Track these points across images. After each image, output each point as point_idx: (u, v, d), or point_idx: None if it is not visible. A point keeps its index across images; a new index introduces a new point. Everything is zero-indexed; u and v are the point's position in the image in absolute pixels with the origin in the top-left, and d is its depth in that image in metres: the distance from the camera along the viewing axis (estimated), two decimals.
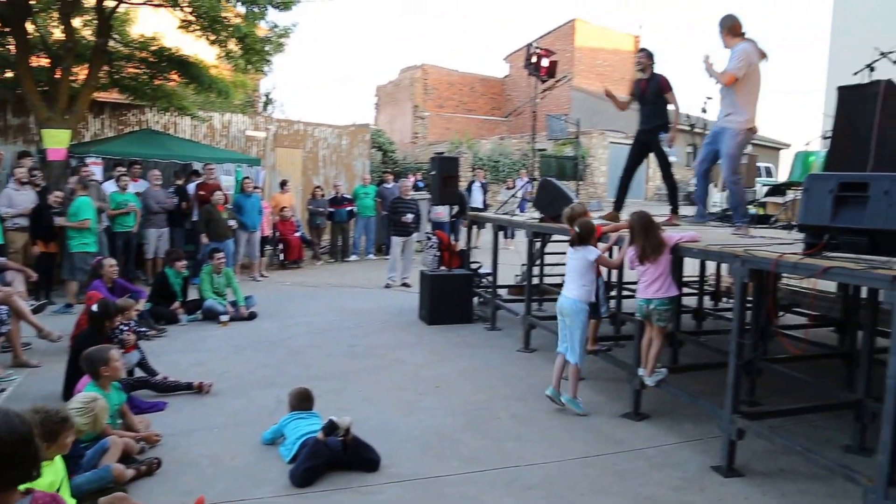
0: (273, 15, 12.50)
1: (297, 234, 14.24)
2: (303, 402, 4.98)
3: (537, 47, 8.52)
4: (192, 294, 9.38)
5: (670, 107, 7.09)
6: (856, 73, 6.28)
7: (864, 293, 5.65)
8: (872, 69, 6.25)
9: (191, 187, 12.04)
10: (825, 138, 8.34)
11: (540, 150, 25.97)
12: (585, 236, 5.64)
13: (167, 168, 12.69)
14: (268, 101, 28.89)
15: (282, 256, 13.99)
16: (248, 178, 12.59)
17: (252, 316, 9.04)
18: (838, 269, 3.71)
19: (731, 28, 6.15)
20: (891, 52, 6.26)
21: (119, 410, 4.80)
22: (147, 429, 4.93)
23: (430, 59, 42.43)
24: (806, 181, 4.13)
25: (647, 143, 7.25)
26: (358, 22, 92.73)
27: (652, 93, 7.07)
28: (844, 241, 3.95)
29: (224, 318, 8.72)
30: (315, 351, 7.52)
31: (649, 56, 7.13)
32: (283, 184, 14.57)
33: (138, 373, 6.07)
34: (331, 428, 4.40)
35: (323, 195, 15.25)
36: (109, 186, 10.79)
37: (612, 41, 34.84)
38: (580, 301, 5.63)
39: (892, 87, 5.26)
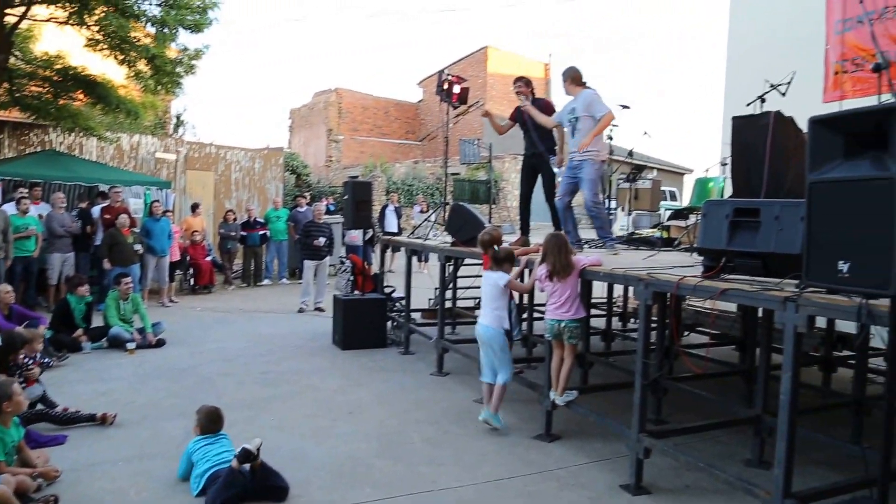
0: (184, 37, 12.28)
1: (209, 259, 13.92)
2: (212, 423, 4.79)
3: (449, 74, 8.63)
4: (98, 321, 9.01)
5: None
6: (748, 104, 6.61)
7: (760, 312, 5.92)
8: (764, 100, 6.59)
9: (95, 210, 11.63)
10: (723, 165, 8.75)
11: (454, 174, 26.39)
12: (501, 260, 5.77)
13: (71, 190, 12.22)
14: (179, 123, 28.20)
15: (192, 281, 13.64)
16: (157, 201, 12.26)
17: (160, 343, 8.76)
18: (734, 291, 3.89)
19: (574, 78, 6.82)
20: (780, 85, 6.63)
21: (16, 446, 4.56)
22: (45, 464, 4.66)
23: (344, 83, 42.48)
24: (703, 207, 4.33)
25: (535, 166, 7.58)
26: (272, 44, 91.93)
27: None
28: (740, 264, 4.15)
29: (130, 345, 8.40)
30: (226, 378, 7.34)
31: (528, 84, 7.48)
32: (193, 207, 14.24)
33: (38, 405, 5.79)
34: (245, 456, 4.27)
35: (235, 219, 14.97)
36: (9, 209, 10.30)
37: (524, 68, 35.54)
38: (492, 327, 5.76)
39: (780, 117, 5.58)
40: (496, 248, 5.87)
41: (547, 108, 7.40)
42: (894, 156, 2.44)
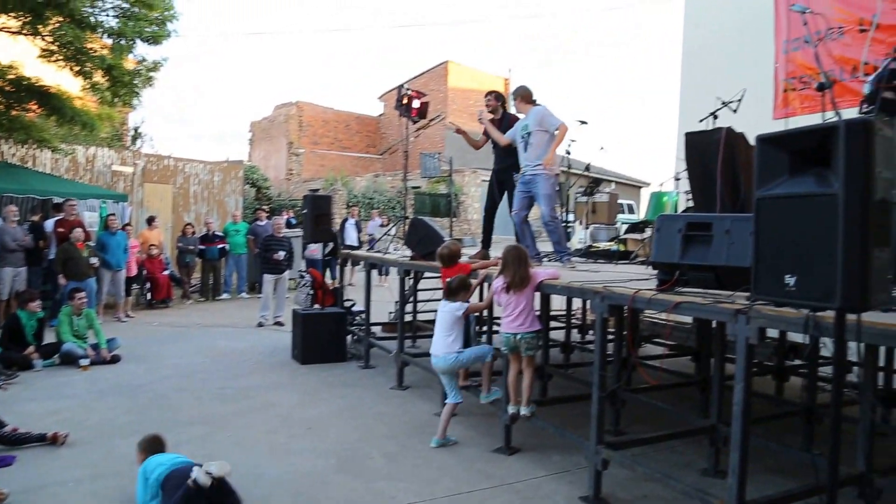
0: (142, 48, 12.16)
1: (166, 273, 13.73)
2: (157, 446, 4.59)
3: (408, 89, 8.66)
4: (50, 337, 8.82)
5: None
6: (701, 121, 6.76)
7: (714, 324, 6.03)
8: (716, 117, 6.75)
9: (48, 224, 11.40)
10: (677, 179, 8.92)
11: (415, 187, 26.43)
12: (455, 290, 5.85)
13: (24, 203, 11.95)
14: (137, 135, 27.83)
15: (149, 296, 13.42)
16: (112, 214, 12.06)
17: (115, 359, 8.60)
18: (688, 305, 3.96)
19: (523, 96, 6.96)
20: (731, 102, 6.79)
21: None
22: None
23: (305, 97, 42.37)
24: (657, 221, 4.41)
25: (502, 181, 7.61)
26: (234, 55, 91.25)
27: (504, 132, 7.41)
28: (693, 277, 4.23)
29: (84, 361, 8.23)
30: (183, 395, 7.23)
31: (498, 98, 7.59)
32: (149, 220, 14.04)
33: None
34: (203, 483, 4.10)
35: (193, 232, 14.80)
36: None
37: (484, 83, 35.85)
38: (449, 356, 5.84)
39: (732, 133, 5.71)
40: (449, 281, 5.93)
41: (514, 124, 7.45)
42: (837, 172, 2.52)
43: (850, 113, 5.04)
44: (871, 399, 4.44)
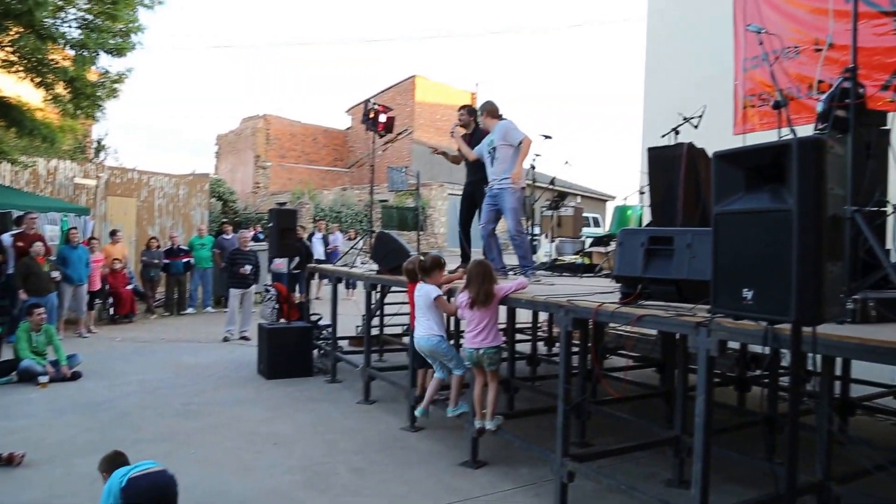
0: (106, 60, 12.02)
1: (130, 287, 13.53)
2: (119, 461, 4.32)
3: (375, 103, 8.69)
4: (8, 354, 8.63)
5: None
6: (663, 136, 6.88)
7: (678, 336, 6.12)
8: (678, 132, 6.87)
9: (6, 238, 11.17)
10: (641, 193, 9.04)
11: (382, 201, 26.40)
12: (429, 269, 5.92)
13: None
14: (100, 148, 27.44)
15: (112, 311, 13.21)
16: (74, 228, 11.88)
17: (76, 376, 8.45)
18: (650, 318, 4.02)
19: (490, 111, 7.08)
20: (692, 118, 6.92)
21: None
22: None
23: (272, 109, 42.20)
24: (619, 235, 4.48)
25: (472, 194, 7.67)
26: (201, 68, 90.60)
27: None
28: (655, 291, 4.29)
29: (43, 379, 8.07)
30: (145, 411, 7.13)
31: (471, 112, 7.70)
32: (112, 234, 13.85)
33: None
34: None
35: (158, 246, 14.62)
36: None
37: (451, 97, 36.12)
38: (431, 337, 5.89)
39: (693, 148, 5.83)
40: (423, 260, 6.01)
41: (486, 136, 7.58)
42: (791, 189, 2.59)
43: (807, 130, 5.16)
44: (827, 409, 4.53)
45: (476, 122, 7.63)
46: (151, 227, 16.90)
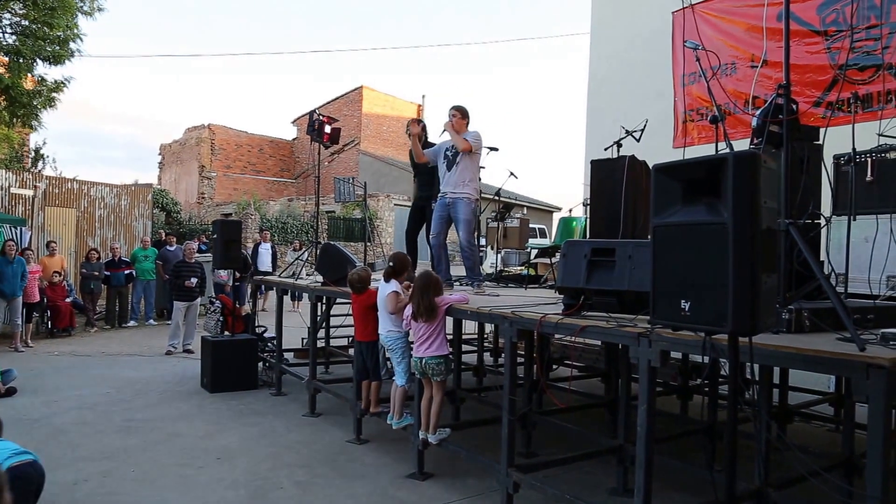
0: (43, 68, 11.71)
1: (69, 300, 13.14)
2: None
3: (320, 114, 8.65)
4: None
5: None
6: (606, 149, 6.99)
7: (620, 346, 6.20)
8: (620, 145, 6.99)
9: None
10: (585, 205, 9.16)
11: (329, 212, 26.24)
12: (397, 269, 5.95)
13: None
14: (38, 157, 26.63)
15: (50, 324, 12.82)
16: (11, 240, 11.50)
17: (10, 392, 8.14)
18: (593, 328, 4.07)
19: (466, 114, 6.90)
20: (634, 131, 7.05)
21: None
22: None
23: (217, 119, 41.63)
24: (563, 247, 4.52)
25: (422, 208, 7.71)
26: (143, 77, 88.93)
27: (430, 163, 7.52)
28: (598, 302, 4.34)
29: None
30: (83, 428, 6.91)
31: (423, 129, 7.63)
32: (48, 245, 13.45)
33: None
34: None
35: (98, 257, 14.25)
36: None
37: (397, 108, 36.17)
38: (390, 335, 5.94)
39: (634, 161, 5.94)
40: (390, 259, 6.05)
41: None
42: (726, 202, 2.65)
43: (743, 144, 5.32)
44: (765, 417, 4.64)
45: (426, 133, 7.63)
46: (92, 238, 16.46)
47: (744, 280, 2.61)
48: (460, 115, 6.87)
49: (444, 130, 6.92)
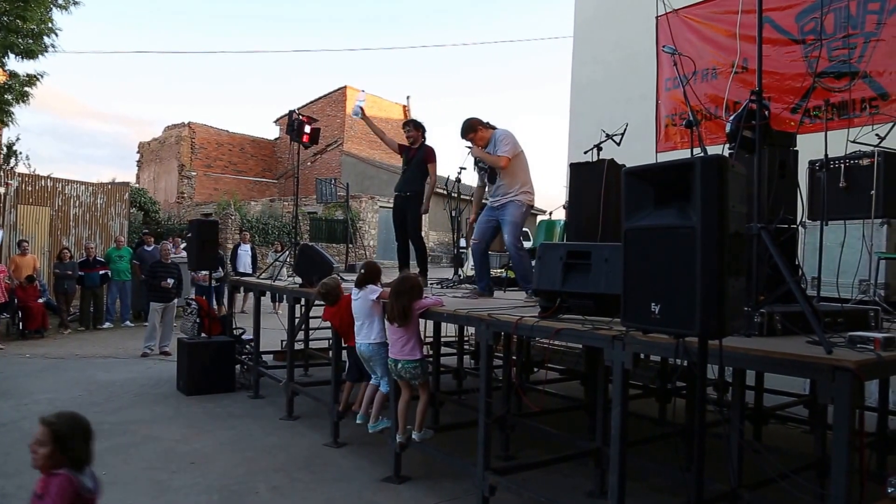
0: (15, 63, 11.54)
1: (41, 301, 12.98)
2: None
3: (299, 114, 8.62)
4: None
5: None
6: (586, 153, 6.99)
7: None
8: (600, 149, 6.99)
9: None
10: (566, 208, 9.18)
11: (311, 213, 26.13)
12: (369, 276, 5.91)
13: None
14: (11, 154, 26.28)
15: (21, 325, 12.66)
16: None
17: None
18: (568, 331, 4.09)
19: (485, 125, 6.65)
20: (615, 135, 7.06)
21: None
22: None
23: (197, 118, 41.34)
24: (539, 249, 4.54)
25: (402, 207, 7.77)
26: (123, 74, 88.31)
27: (417, 160, 7.68)
28: (574, 304, 4.36)
29: None
30: None
31: (417, 127, 7.84)
32: (19, 244, 13.29)
33: None
34: None
35: (72, 257, 14.09)
36: None
37: (383, 109, 36.06)
38: (372, 344, 5.87)
39: (613, 165, 5.97)
40: (361, 267, 6.04)
41: (429, 156, 7.71)
42: (695, 206, 2.67)
43: (722, 148, 5.37)
44: (738, 419, 4.68)
45: (422, 136, 7.76)
46: (67, 237, 16.29)
47: (711, 283, 2.63)
48: (472, 133, 6.59)
49: (472, 155, 6.73)
